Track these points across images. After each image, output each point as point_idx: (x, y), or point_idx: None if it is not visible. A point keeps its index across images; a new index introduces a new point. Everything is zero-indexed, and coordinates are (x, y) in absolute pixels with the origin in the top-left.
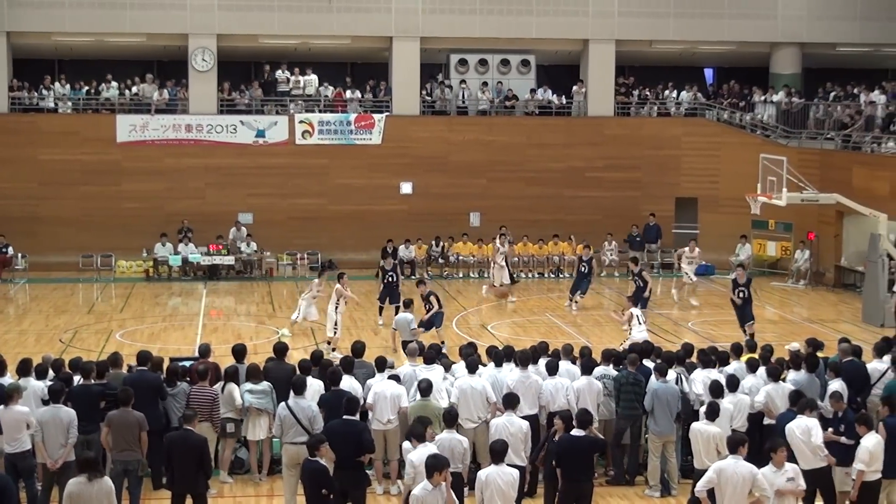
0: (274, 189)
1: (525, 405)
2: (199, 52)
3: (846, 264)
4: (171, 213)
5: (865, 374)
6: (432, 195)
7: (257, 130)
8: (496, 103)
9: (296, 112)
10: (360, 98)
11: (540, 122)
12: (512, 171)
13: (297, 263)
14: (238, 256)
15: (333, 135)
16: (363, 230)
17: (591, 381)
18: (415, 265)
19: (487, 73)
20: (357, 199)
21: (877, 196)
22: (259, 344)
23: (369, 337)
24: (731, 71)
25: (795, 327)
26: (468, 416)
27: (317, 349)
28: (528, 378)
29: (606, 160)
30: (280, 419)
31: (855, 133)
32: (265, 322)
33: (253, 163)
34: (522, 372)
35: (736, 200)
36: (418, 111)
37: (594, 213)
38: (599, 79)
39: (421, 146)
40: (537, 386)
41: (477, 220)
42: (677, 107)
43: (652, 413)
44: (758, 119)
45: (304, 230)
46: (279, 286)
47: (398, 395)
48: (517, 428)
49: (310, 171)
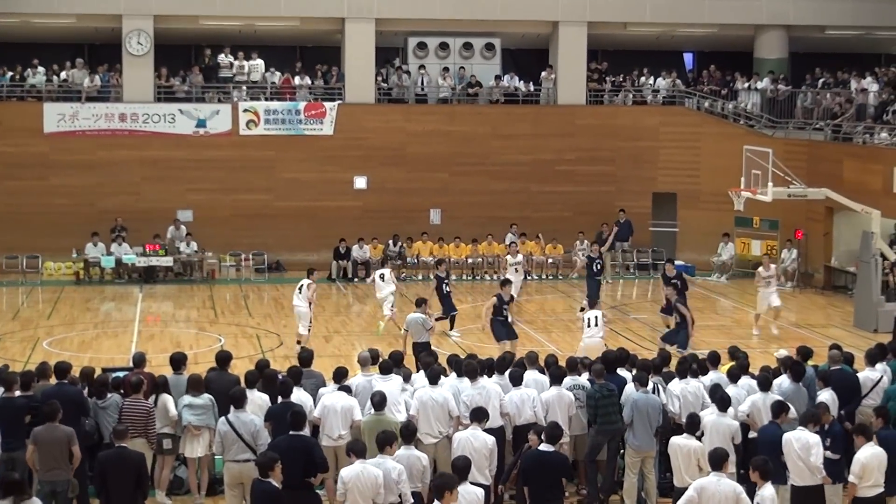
0: (216, 184)
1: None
2: (134, 35)
3: (836, 265)
4: (104, 210)
5: (855, 383)
6: (389, 190)
7: (198, 120)
8: (458, 91)
9: (240, 100)
10: (310, 85)
11: (505, 112)
12: (475, 164)
13: (241, 265)
14: (177, 257)
15: (281, 125)
16: (313, 229)
17: (562, 391)
18: (369, 267)
19: (448, 57)
20: (307, 195)
21: (869, 191)
22: (200, 353)
23: (319, 344)
24: (712, 56)
25: (782, 333)
26: (428, 431)
27: (262, 358)
28: (483, 389)
29: (578, 152)
30: (220, 435)
31: (846, 123)
32: (206, 329)
33: (193, 155)
34: (474, 384)
35: (717, 196)
36: (373, 99)
37: (565, 209)
38: (570, 64)
39: (376, 137)
40: (495, 394)
41: (437, 218)
42: (654, 94)
43: (631, 426)
44: (741, 108)
45: (248, 229)
46: (222, 289)
47: (350, 407)
48: (482, 443)
49: (255, 164)
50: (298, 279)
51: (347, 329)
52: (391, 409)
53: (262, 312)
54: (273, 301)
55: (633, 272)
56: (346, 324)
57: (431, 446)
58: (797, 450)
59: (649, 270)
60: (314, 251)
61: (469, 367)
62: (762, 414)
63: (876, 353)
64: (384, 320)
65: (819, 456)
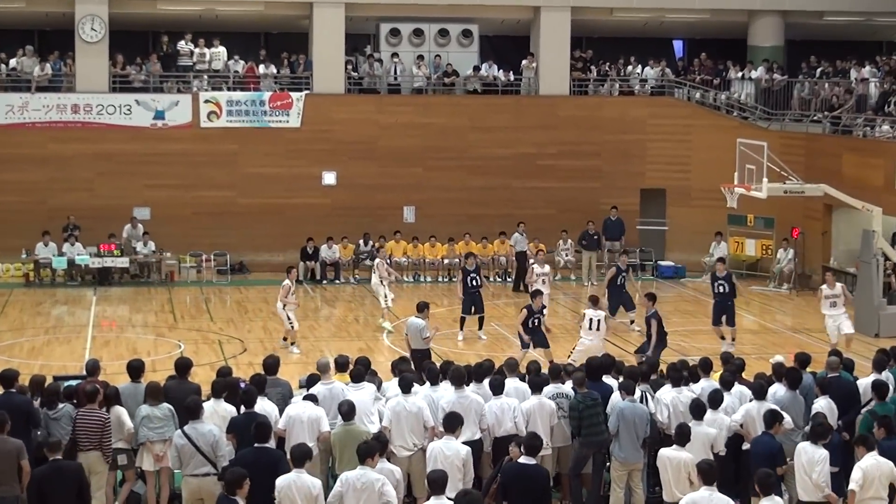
0: (175, 180)
1: (469, 429)
2: (88, 21)
3: (836, 265)
4: (55, 207)
5: (855, 391)
6: (359, 186)
7: (155, 111)
8: (433, 80)
9: (200, 90)
10: (276, 74)
11: (484, 102)
12: (452, 158)
13: (202, 266)
14: (133, 258)
15: (244, 116)
16: (279, 227)
17: (543, 400)
18: (339, 268)
19: (423, 45)
20: (272, 192)
21: (870, 187)
22: (158, 360)
23: (286, 350)
24: (703, 43)
25: (778, 337)
26: (402, 443)
27: (224, 366)
28: (466, 398)
29: (561, 146)
30: (177, 448)
31: (845, 115)
32: (165, 335)
33: (151, 149)
34: (458, 392)
35: (709, 192)
36: (343, 89)
37: (547, 206)
38: (552, 52)
39: (346, 130)
40: (477, 406)
41: (411, 216)
42: (642, 85)
43: (616, 437)
44: (734, 99)
45: (210, 228)
46: (181, 292)
47: (317, 418)
48: (454, 452)
49: (217, 158)
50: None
51: (316, 334)
52: (362, 420)
53: (224, 317)
54: (236, 305)
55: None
56: (315, 329)
57: (405, 459)
58: (804, 463)
59: (637, 272)
60: (280, 251)
61: (455, 374)
62: (756, 424)
63: (882, 359)
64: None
65: (824, 474)
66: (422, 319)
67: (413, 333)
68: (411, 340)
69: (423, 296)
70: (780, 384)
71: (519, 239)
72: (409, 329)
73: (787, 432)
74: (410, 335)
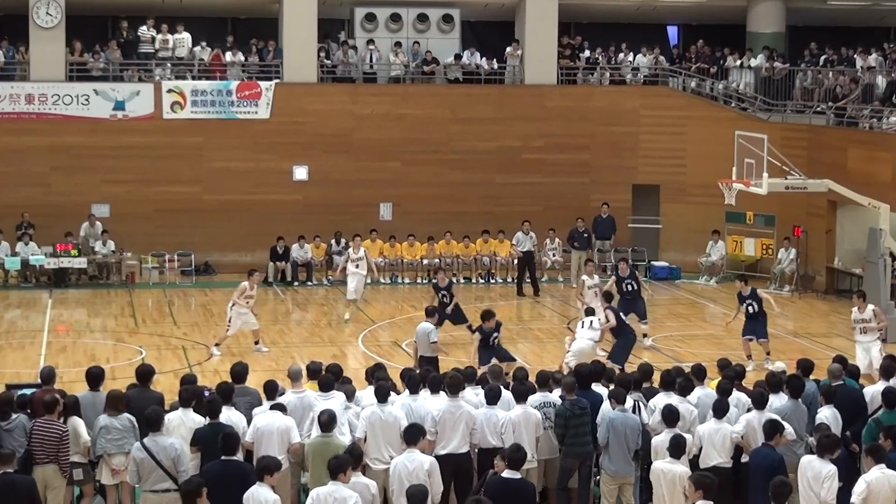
0: (136, 175)
1: (455, 441)
2: (43, 5)
3: (840, 266)
4: (8, 204)
5: (860, 400)
6: (333, 182)
7: (115, 102)
8: (412, 69)
9: (163, 79)
10: (244, 62)
11: (466, 92)
12: (431, 152)
13: (164, 267)
14: (91, 258)
15: (210, 107)
16: (247, 225)
17: (528, 410)
18: (311, 269)
19: (401, 31)
20: (240, 188)
21: (877, 182)
22: (118, 367)
23: (255, 357)
24: (699, 29)
25: (779, 343)
26: (377, 456)
27: (188, 373)
28: (460, 408)
29: (548, 139)
30: (136, 462)
31: (850, 105)
32: (125, 340)
33: (110, 142)
34: (452, 400)
35: (706, 188)
36: (315, 78)
37: (533, 203)
38: (539, 39)
39: (319, 121)
40: (469, 417)
41: (388, 213)
42: (634, 73)
43: (606, 449)
44: (732, 88)
45: (173, 226)
46: (143, 295)
47: (287, 429)
48: (417, 465)
49: (181, 152)
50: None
51: (286, 340)
52: (338, 431)
53: (188, 321)
54: (201, 308)
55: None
56: (285, 333)
57: (381, 472)
58: (810, 478)
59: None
60: (248, 251)
61: (453, 381)
62: (757, 435)
63: (890, 366)
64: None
65: (832, 491)
66: (430, 324)
67: (420, 338)
68: (419, 346)
69: (400, 298)
70: (781, 392)
71: (522, 238)
72: (417, 334)
73: (789, 443)
74: (418, 340)
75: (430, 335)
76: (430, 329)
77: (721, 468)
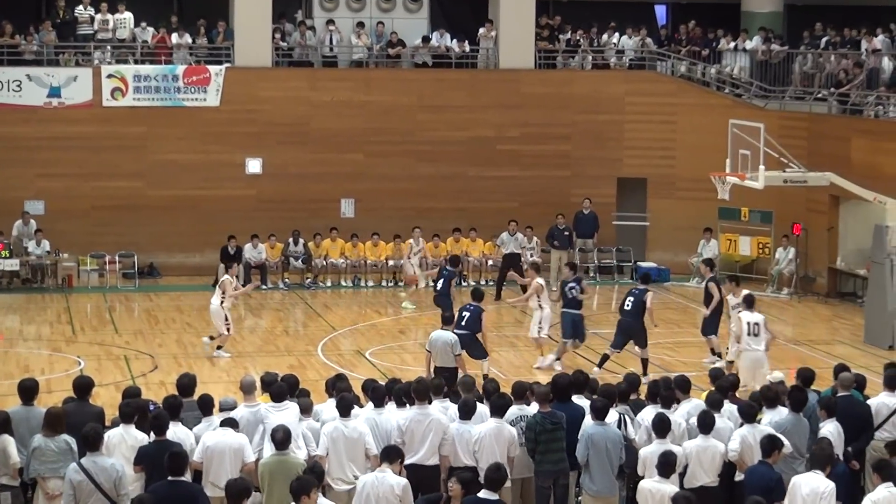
0: (74, 168)
1: (423, 451)
2: None
3: (843, 266)
4: None
5: (866, 413)
6: (289, 176)
7: (50, 88)
8: (376, 52)
9: (103, 63)
10: (191, 44)
11: (435, 77)
12: (397, 143)
13: (105, 269)
14: (24, 260)
15: (154, 94)
16: (196, 224)
17: (502, 425)
18: (266, 271)
19: (364, 10)
20: (187, 182)
21: (883, 175)
22: (54, 379)
23: (204, 367)
24: (690, 8)
25: (777, 351)
26: (340, 476)
27: (131, 386)
28: (428, 416)
29: (524, 128)
30: (73, 486)
31: (854, 92)
32: (62, 349)
33: (44, 132)
34: (420, 408)
35: (697, 182)
36: (270, 62)
37: (508, 198)
38: (514, 19)
39: (274, 109)
40: (439, 426)
41: (350, 210)
42: (619, 57)
43: (587, 467)
44: (726, 73)
45: (114, 224)
46: (81, 300)
47: (240, 447)
48: (388, 488)
49: (122, 142)
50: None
51: (238, 349)
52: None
53: (131, 328)
54: (145, 314)
55: (594, 276)
56: (237, 342)
57: (344, 494)
58: (804, 496)
59: (613, 274)
60: (197, 251)
61: (419, 387)
62: (753, 451)
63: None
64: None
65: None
66: (451, 332)
67: (442, 349)
68: (437, 357)
69: (362, 303)
70: (781, 406)
71: (507, 239)
72: (437, 343)
73: (788, 460)
74: (436, 350)
75: (454, 346)
76: (454, 340)
77: (709, 488)
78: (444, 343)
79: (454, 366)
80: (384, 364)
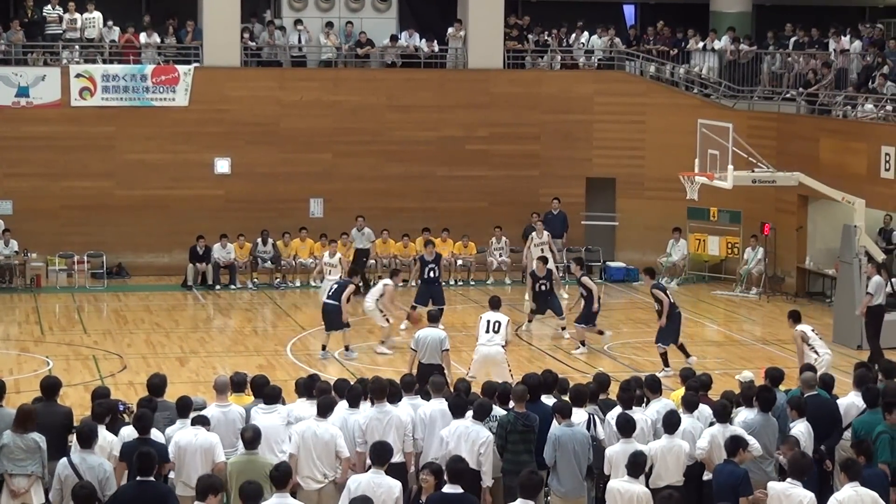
0: (42, 168)
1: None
2: None
3: (812, 266)
4: None
5: (835, 412)
6: (258, 175)
7: (18, 87)
8: (345, 51)
9: (71, 62)
10: (160, 44)
11: (404, 77)
12: (366, 142)
13: (73, 269)
14: None
15: (123, 93)
16: (164, 223)
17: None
18: (234, 271)
19: (332, 10)
20: (155, 182)
21: (851, 175)
22: (22, 379)
23: (173, 367)
24: (658, 8)
25: (745, 350)
26: (309, 474)
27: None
28: (387, 414)
29: (493, 128)
30: (60, 481)
31: (822, 91)
32: (30, 349)
33: (12, 131)
34: (379, 407)
35: (666, 182)
36: (238, 62)
37: (477, 198)
38: (483, 18)
39: (242, 109)
40: (400, 423)
41: (319, 209)
42: (588, 56)
43: (554, 468)
44: (695, 73)
45: (83, 224)
46: (49, 300)
47: (211, 446)
48: (386, 490)
49: (91, 142)
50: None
51: (207, 349)
52: (271, 448)
53: (100, 328)
54: (114, 314)
55: (564, 276)
56: (206, 342)
57: (314, 493)
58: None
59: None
60: (165, 251)
61: (376, 386)
62: (722, 451)
63: (864, 374)
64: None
65: None
66: (440, 329)
67: (430, 345)
68: (425, 353)
69: None
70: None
71: (355, 235)
72: (427, 341)
73: (756, 459)
74: (423, 347)
75: (443, 342)
76: (444, 336)
77: (674, 488)
78: (433, 340)
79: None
80: (355, 365)
